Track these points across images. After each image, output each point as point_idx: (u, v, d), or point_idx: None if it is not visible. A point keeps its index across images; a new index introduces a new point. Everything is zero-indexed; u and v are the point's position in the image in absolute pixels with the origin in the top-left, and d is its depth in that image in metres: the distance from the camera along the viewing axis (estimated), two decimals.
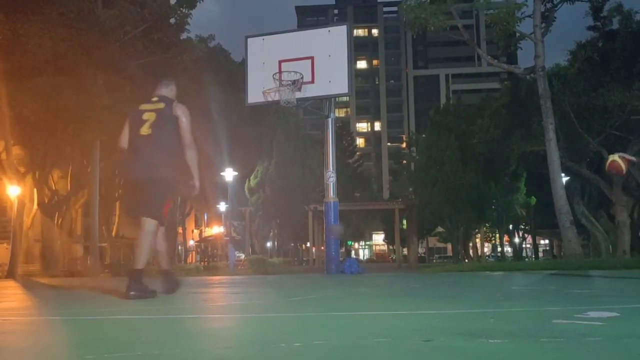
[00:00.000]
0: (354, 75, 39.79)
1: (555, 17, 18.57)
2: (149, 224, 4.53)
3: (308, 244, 42.12)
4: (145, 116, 4.63)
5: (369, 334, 2.31)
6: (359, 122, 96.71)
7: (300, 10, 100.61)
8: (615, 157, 5.63)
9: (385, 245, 69.53)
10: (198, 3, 22.46)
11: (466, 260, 38.71)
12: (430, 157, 35.34)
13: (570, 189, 24.02)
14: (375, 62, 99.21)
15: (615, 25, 22.77)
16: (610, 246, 25.47)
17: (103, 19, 20.26)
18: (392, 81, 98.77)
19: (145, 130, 4.58)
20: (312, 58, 12.18)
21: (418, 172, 37.67)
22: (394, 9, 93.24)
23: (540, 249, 51.51)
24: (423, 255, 52.27)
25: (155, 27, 21.87)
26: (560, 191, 16.34)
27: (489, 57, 19.31)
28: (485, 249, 48.69)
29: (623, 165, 5.60)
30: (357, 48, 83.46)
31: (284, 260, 29.70)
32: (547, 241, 53.65)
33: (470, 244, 42.62)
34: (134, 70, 21.03)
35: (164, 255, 4.91)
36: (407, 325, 2.60)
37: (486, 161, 32.37)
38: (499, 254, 44.86)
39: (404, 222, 36.58)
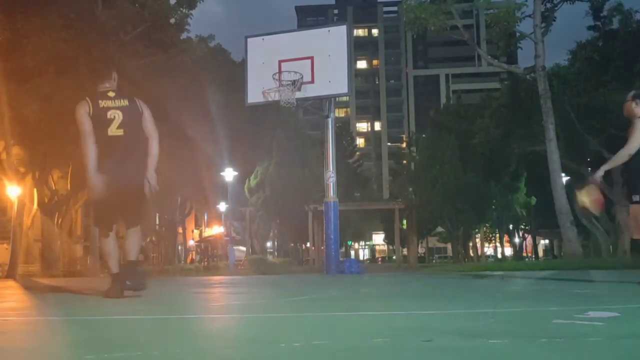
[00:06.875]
0: (354, 75, 39.80)
1: (555, 17, 18.58)
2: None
3: (308, 244, 42.10)
4: (111, 114, 4.18)
5: (369, 334, 2.31)
6: (359, 122, 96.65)
7: (300, 10, 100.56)
8: (585, 202, 5.51)
9: (385, 245, 69.48)
10: (198, 3, 22.46)
11: (471, 259, 38.70)
12: (430, 157, 35.35)
13: (571, 188, 24.00)
14: (375, 62, 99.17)
15: (615, 25, 22.75)
16: (611, 246, 25.44)
17: (103, 19, 20.25)
18: (392, 81, 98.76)
19: (114, 130, 4.16)
20: (312, 58, 12.17)
21: (418, 172, 37.71)
22: (394, 9, 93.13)
23: (540, 249, 51.45)
24: (423, 255, 52.27)
25: (155, 27, 21.85)
26: (560, 191, 16.35)
27: (489, 57, 19.32)
28: (486, 249, 48.65)
29: (593, 204, 5.48)
30: (357, 48, 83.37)
31: (284, 261, 29.68)
32: (547, 241, 53.59)
33: (470, 244, 42.60)
34: (133, 70, 21.01)
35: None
36: (407, 325, 2.59)
37: (486, 161, 32.34)
38: (500, 256, 44.84)
39: (404, 222, 36.58)
